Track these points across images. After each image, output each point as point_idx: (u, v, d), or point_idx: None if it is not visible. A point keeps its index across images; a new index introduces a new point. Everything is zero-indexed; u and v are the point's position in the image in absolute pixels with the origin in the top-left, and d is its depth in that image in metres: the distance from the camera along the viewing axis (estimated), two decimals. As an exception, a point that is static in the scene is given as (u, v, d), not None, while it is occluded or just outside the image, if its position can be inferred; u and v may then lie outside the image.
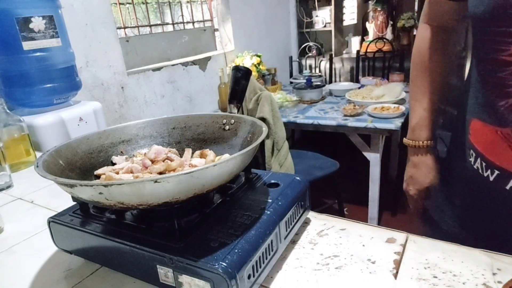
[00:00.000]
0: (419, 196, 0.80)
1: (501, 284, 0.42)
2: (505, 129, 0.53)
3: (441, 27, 0.71)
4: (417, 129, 0.76)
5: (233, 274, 0.37)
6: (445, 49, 0.72)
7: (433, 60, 0.73)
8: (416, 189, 0.79)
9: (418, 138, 0.76)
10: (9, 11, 1.10)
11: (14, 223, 0.70)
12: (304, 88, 2.43)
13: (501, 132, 0.53)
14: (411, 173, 0.80)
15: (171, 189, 0.39)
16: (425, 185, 0.78)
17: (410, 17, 3.33)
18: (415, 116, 0.76)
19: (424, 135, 0.76)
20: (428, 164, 0.77)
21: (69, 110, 1.27)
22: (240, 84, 0.61)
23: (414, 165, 0.78)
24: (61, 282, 0.50)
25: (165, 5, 2.39)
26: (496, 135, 0.54)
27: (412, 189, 0.80)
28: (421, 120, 0.75)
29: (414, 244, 0.51)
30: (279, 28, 3.32)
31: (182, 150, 0.61)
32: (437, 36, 0.71)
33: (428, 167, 0.77)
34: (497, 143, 0.55)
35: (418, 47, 0.75)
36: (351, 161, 2.46)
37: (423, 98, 0.75)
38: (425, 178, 0.77)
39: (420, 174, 0.78)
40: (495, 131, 0.54)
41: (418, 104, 0.76)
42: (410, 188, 0.80)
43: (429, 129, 0.75)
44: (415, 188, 0.79)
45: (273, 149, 1.71)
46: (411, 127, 0.78)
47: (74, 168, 0.53)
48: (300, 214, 0.54)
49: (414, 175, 0.79)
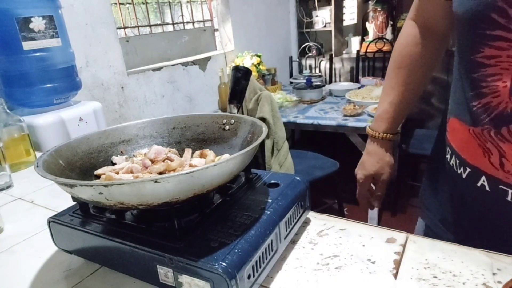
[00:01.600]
0: (364, 181, 0.84)
1: (501, 284, 0.42)
2: (477, 128, 0.54)
3: (426, 25, 0.70)
4: (378, 120, 0.79)
5: (233, 274, 0.37)
6: (426, 48, 0.71)
7: (412, 56, 0.73)
8: (363, 173, 0.84)
9: (377, 129, 0.80)
10: (9, 11, 1.10)
11: (14, 223, 0.70)
12: (304, 88, 2.43)
13: (473, 131, 0.55)
14: (362, 159, 0.84)
15: (171, 189, 0.39)
16: (371, 172, 0.82)
17: (410, 17, 3.33)
18: (380, 108, 0.79)
19: (383, 127, 0.78)
20: (379, 154, 0.81)
21: (69, 110, 1.27)
22: (240, 84, 0.61)
23: (368, 152, 0.83)
24: (61, 282, 0.50)
25: (165, 5, 2.39)
26: (469, 133, 0.55)
27: (359, 174, 0.85)
28: (383, 113, 0.78)
29: (414, 244, 0.51)
30: (279, 28, 3.32)
31: (182, 150, 0.61)
32: (421, 34, 0.71)
33: (378, 157, 0.81)
34: (469, 141, 0.56)
35: (399, 42, 0.75)
36: (351, 161, 2.45)
37: (391, 91, 0.76)
38: (372, 167, 0.82)
39: (369, 162, 0.82)
40: (468, 130, 0.56)
41: (385, 97, 0.78)
42: (359, 172, 0.85)
43: (389, 122, 0.78)
44: (362, 173, 0.84)
45: (273, 149, 1.71)
46: (375, 117, 0.81)
47: (74, 168, 0.53)
48: (300, 214, 0.54)
49: (364, 161, 0.83)
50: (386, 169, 0.82)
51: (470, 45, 0.53)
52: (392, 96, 0.76)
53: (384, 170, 0.82)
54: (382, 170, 0.81)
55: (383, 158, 0.81)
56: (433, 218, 0.71)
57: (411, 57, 0.73)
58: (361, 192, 0.87)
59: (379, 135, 0.79)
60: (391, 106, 0.77)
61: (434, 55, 0.73)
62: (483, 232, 0.60)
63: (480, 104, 0.52)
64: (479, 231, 0.60)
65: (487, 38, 0.49)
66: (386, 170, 0.82)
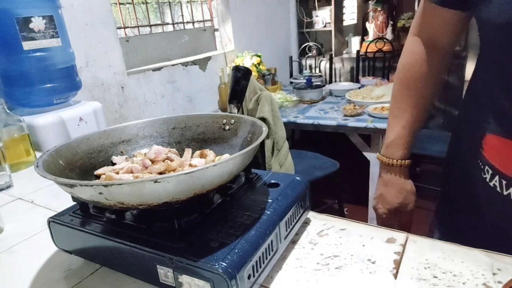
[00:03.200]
0: (388, 216, 0.76)
1: (501, 284, 0.42)
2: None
3: (431, 41, 0.66)
4: (391, 146, 0.73)
5: (233, 274, 0.37)
6: (432, 65, 0.67)
7: (419, 78, 0.69)
8: (385, 208, 0.76)
9: (391, 156, 0.73)
10: (9, 11, 1.10)
11: (14, 223, 0.70)
12: (304, 88, 2.43)
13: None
14: (381, 191, 0.76)
15: (171, 189, 0.39)
16: (394, 206, 0.75)
17: (410, 17, 3.33)
18: (391, 133, 0.73)
19: (399, 153, 0.72)
20: (400, 184, 0.74)
21: (69, 110, 1.27)
22: (240, 84, 0.61)
23: (385, 183, 0.75)
24: (61, 282, 0.50)
25: (165, 5, 2.39)
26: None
27: (381, 208, 0.77)
28: (397, 138, 0.72)
29: (414, 244, 0.51)
30: (279, 28, 3.32)
31: (182, 150, 0.61)
32: (425, 51, 0.67)
33: (399, 187, 0.74)
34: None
35: (403, 62, 0.71)
36: (351, 161, 2.46)
37: (402, 115, 0.71)
38: (395, 199, 0.74)
39: (391, 194, 0.75)
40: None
41: (396, 121, 0.72)
42: (380, 207, 0.77)
43: (405, 147, 0.72)
44: (384, 207, 0.76)
45: (273, 149, 1.71)
46: (386, 143, 0.74)
47: (74, 168, 0.53)
48: (300, 214, 0.54)
49: (384, 193, 0.76)
50: (410, 198, 0.74)
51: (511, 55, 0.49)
52: (404, 120, 0.71)
53: (409, 200, 0.74)
54: (406, 200, 0.74)
55: (404, 187, 0.73)
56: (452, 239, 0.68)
57: (419, 77, 0.69)
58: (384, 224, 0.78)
59: (397, 163, 0.72)
60: (404, 129, 0.71)
61: (440, 71, 0.69)
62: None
63: None
64: None
65: None
66: (410, 199, 0.74)
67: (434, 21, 0.64)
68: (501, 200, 0.55)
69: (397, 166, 0.73)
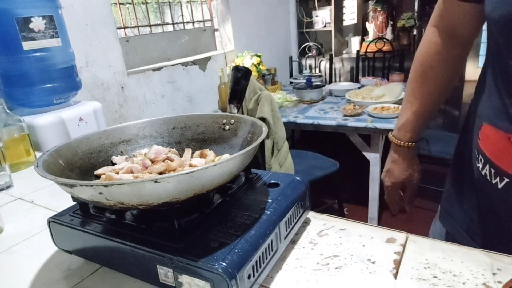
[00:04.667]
0: (393, 188, 0.85)
1: (501, 284, 0.42)
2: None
3: (450, 32, 0.68)
4: (402, 129, 0.79)
5: (233, 274, 0.37)
6: (449, 56, 0.70)
7: (435, 66, 0.71)
8: (391, 181, 0.85)
9: (401, 138, 0.80)
10: (9, 11, 1.10)
11: (14, 223, 0.70)
12: (304, 88, 2.43)
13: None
14: (389, 167, 0.85)
15: (171, 189, 0.39)
16: (400, 180, 0.83)
17: (410, 17, 3.33)
18: (403, 116, 0.79)
19: (407, 136, 0.79)
20: (406, 162, 0.82)
21: (69, 110, 1.27)
22: (240, 84, 0.61)
23: (393, 160, 0.83)
24: (61, 282, 0.50)
25: (165, 5, 2.39)
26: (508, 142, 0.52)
27: (387, 181, 0.86)
28: (408, 122, 0.78)
29: (414, 244, 0.51)
30: (279, 28, 3.32)
31: (182, 150, 0.61)
32: (444, 41, 0.69)
33: (405, 165, 0.82)
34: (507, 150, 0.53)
35: (421, 50, 0.73)
36: (351, 161, 2.46)
37: (414, 101, 0.76)
38: (400, 175, 0.83)
39: (397, 170, 0.83)
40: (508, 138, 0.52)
41: (408, 106, 0.77)
42: (386, 180, 0.86)
43: (414, 132, 0.78)
44: (390, 181, 0.85)
45: (273, 149, 1.71)
46: (397, 125, 0.81)
47: (74, 168, 0.53)
48: (300, 214, 0.54)
49: (392, 169, 0.84)
50: (415, 175, 0.83)
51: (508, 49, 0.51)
52: (416, 106, 0.75)
53: (413, 177, 0.83)
54: (411, 177, 0.83)
55: (411, 166, 0.82)
56: (457, 227, 0.69)
57: (435, 67, 0.71)
58: (390, 198, 0.88)
59: (405, 144, 0.79)
60: (415, 116, 0.76)
61: (458, 62, 0.71)
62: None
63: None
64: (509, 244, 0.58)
65: None
66: (415, 176, 0.83)
67: (453, 12, 0.66)
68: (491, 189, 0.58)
69: (405, 147, 0.80)
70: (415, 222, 2.23)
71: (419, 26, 3.35)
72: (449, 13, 0.67)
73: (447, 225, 0.73)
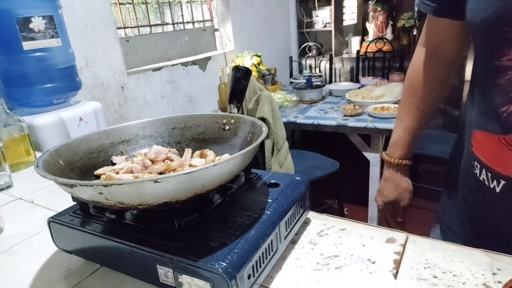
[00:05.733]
0: (385, 208, 0.84)
1: (501, 284, 0.42)
2: (508, 135, 0.51)
3: (434, 51, 0.70)
4: (393, 146, 0.80)
5: (233, 274, 0.37)
6: (434, 75, 0.72)
7: (421, 85, 0.73)
8: (382, 201, 0.83)
9: (392, 155, 0.80)
10: (9, 11, 1.10)
11: (14, 223, 0.70)
12: (304, 88, 2.43)
13: (504, 139, 0.52)
14: (381, 185, 0.84)
15: (171, 189, 0.39)
16: (389, 199, 0.82)
17: (410, 17, 3.33)
18: (394, 134, 0.80)
19: (398, 153, 0.79)
20: (396, 181, 0.80)
21: (69, 110, 1.27)
22: (240, 84, 0.61)
23: (385, 178, 0.83)
24: (61, 282, 0.50)
25: (165, 5, 2.39)
26: (500, 143, 0.53)
27: (379, 201, 0.84)
28: (398, 140, 0.79)
29: (414, 244, 0.51)
30: (279, 28, 3.32)
31: (182, 150, 0.61)
32: (428, 61, 0.72)
33: (395, 184, 0.81)
34: (501, 152, 0.53)
35: (410, 69, 0.76)
36: (351, 161, 2.46)
37: (405, 119, 0.77)
38: (390, 193, 0.81)
39: (387, 189, 0.82)
40: (498, 139, 0.53)
41: (399, 123, 0.79)
42: (378, 199, 0.85)
43: (405, 148, 0.78)
44: (381, 200, 0.84)
45: (273, 149, 1.71)
46: (390, 143, 0.81)
47: (74, 168, 0.53)
48: (300, 214, 0.54)
49: (382, 188, 0.83)
50: (404, 194, 0.81)
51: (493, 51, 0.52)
52: (406, 122, 0.77)
53: (403, 196, 0.81)
54: (400, 196, 0.81)
55: (400, 185, 0.80)
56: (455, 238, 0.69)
57: (422, 84, 0.73)
58: (382, 218, 0.86)
59: (395, 161, 0.79)
60: (405, 132, 0.77)
61: (444, 79, 0.73)
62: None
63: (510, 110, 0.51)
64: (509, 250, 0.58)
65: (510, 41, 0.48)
66: (404, 196, 0.81)
67: (435, 30, 0.68)
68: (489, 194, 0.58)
69: (395, 164, 0.80)
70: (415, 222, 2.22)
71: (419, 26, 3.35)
72: (433, 31, 0.69)
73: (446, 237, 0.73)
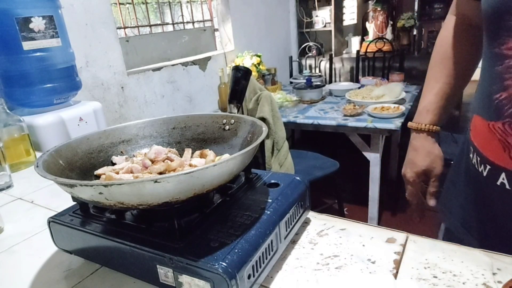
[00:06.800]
0: (416, 179, 0.79)
1: (501, 284, 0.42)
2: (496, 122, 0.53)
3: (465, 21, 0.71)
4: (423, 112, 0.76)
5: (233, 274, 0.37)
6: (467, 40, 0.72)
7: (455, 49, 0.73)
8: (413, 171, 0.79)
9: (422, 121, 0.76)
10: (9, 11, 1.10)
11: (14, 223, 0.70)
12: (304, 88, 2.43)
13: (493, 125, 0.54)
14: (409, 156, 0.80)
15: (171, 189, 0.39)
16: (422, 168, 0.77)
17: (410, 17, 3.33)
18: (423, 100, 0.77)
19: (428, 118, 0.75)
20: (428, 148, 0.77)
21: (69, 110, 1.27)
22: (240, 84, 0.61)
23: (415, 148, 0.79)
24: (61, 282, 0.50)
25: (165, 5, 2.39)
26: (488, 129, 0.55)
27: (409, 172, 0.80)
28: (428, 104, 0.75)
29: (414, 244, 0.51)
30: (279, 28, 3.32)
31: (182, 150, 0.61)
32: (460, 28, 0.72)
33: (426, 151, 0.77)
34: (489, 137, 0.55)
35: (442, 35, 0.76)
36: (351, 161, 2.46)
37: (435, 84, 0.75)
38: (423, 162, 0.77)
39: (419, 157, 0.78)
40: (488, 125, 0.55)
41: (429, 89, 0.76)
42: (408, 171, 0.80)
43: (435, 113, 0.75)
44: (412, 171, 0.79)
45: (273, 149, 1.71)
46: (418, 110, 0.78)
47: (74, 168, 0.53)
48: (300, 214, 0.54)
49: (412, 158, 0.79)
50: (437, 162, 0.76)
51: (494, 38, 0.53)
52: (437, 88, 0.74)
53: (436, 164, 0.76)
54: (433, 163, 0.76)
55: (432, 151, 0.76)
56: (454, 221, 0.70)
57: (455, 48, 0.73)
58: (413, 192, 0.81)
59: (426, 127, 0.75)
60: (436, 96, 0.74)
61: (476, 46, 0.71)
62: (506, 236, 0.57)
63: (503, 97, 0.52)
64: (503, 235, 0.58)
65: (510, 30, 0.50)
66: (438, 163, 0.76)
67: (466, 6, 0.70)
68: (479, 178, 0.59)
69: (425, 130, 0.76)
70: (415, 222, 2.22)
71: (419, 26, 3.35)
72: (463, 5, 0.71)
73: (447, 221, 0.73)
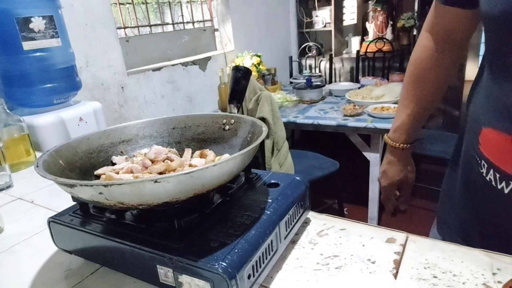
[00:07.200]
0: (389, 188, 0.88)
1: (501, 284, 0.42)
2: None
3: (443, 37, 0.69)
4: (397, 131, 0.82)
5: (233, 274, 0.37)
6: (443, 60, 0.71)
7: (429, 70, 0.73)
8: (387, 182, 0.88)
9: (396, 140, 0.82)
10: (9, 11, 1.10)
11: (14, 223, 0.70)
12: (304, 88, 2.43)
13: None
14: (384, 168, 0.87)
15: (171, 189, 0.39)
16: (395, 181, 0.86)
17: (410, 17, 3.33)
18: (397, 119, 0.81)
19: (402, 138, 0.81)
20: (401, 164, 0.84)
21: (69, 110, 1.27)
22: (240, 84, 0.61)
23: (389, 162, 0.86)
24: (61, 282, 0.50)
25: (165, 5, 2.39)
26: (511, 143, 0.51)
27: (383, 181, 0.88)
28: (402, 125, 0.80)
29: (414, 244, 0.51)
30: (279, 28, 3.32)
31: (182, 150, 0.61)
32: (437, 46, 0.70)
33: (400, 166, 0.84)
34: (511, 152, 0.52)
35: (415, 55, 0.75)
36: (351, 161, 2.46)
37: (409, 104, 0.78)
38: (396, 176, 0.85)
39: (392, 171, 0.86)
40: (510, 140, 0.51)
41: (403, 108, 0.79)
42: (382, 180, 0.89)
43: (408, 134, 0.80)
44: (386, 182, 0.88)
45: (273, 149, 1.71)
46: (392, 128, 0.83)
47: (74, 168, 0.53)
48: (300, 214, 0.54)
49: (387, 170, 0.87)
50: (409, 175, 0.86)
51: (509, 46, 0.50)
52: (410, 109, 0.78)
53: (408, 177, 0.86)
54: (406, 177, 0.86)
55: (406, 167, 0.85)
56: (452, 234, 0.69)
57: (429, 71, 0.73)
58: (386, 198, 0.90)
59: (400, 146, 0.82)
60: (409, 118, 0.78)
61: (451, 66, 0.73)
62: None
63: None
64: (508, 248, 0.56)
65: None
66: (410, 176, 0.86)
67: (447, 17, 0.67)
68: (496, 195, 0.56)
69: (399, 148, 0.82)
70: (415, 222, 2.23)
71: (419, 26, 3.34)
72: (442, 18, 0.68)
73: (443, 233, 0.73)
